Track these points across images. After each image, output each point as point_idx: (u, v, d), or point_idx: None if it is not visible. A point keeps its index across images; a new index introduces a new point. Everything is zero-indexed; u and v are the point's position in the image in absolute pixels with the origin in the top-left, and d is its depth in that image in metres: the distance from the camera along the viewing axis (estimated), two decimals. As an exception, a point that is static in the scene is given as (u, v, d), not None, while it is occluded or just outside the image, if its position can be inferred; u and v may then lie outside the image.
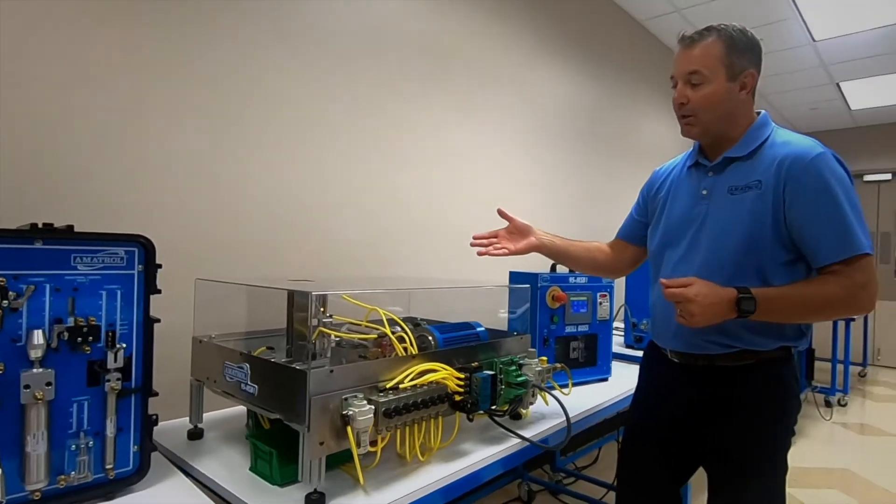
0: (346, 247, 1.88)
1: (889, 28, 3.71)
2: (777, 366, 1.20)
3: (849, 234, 1.08)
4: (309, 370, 0.90)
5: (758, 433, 1.19)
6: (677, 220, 1.29)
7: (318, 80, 1.78)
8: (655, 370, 1.38)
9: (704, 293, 1.08)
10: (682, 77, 1.20)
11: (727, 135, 1.23)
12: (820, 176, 1.10)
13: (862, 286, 1.08)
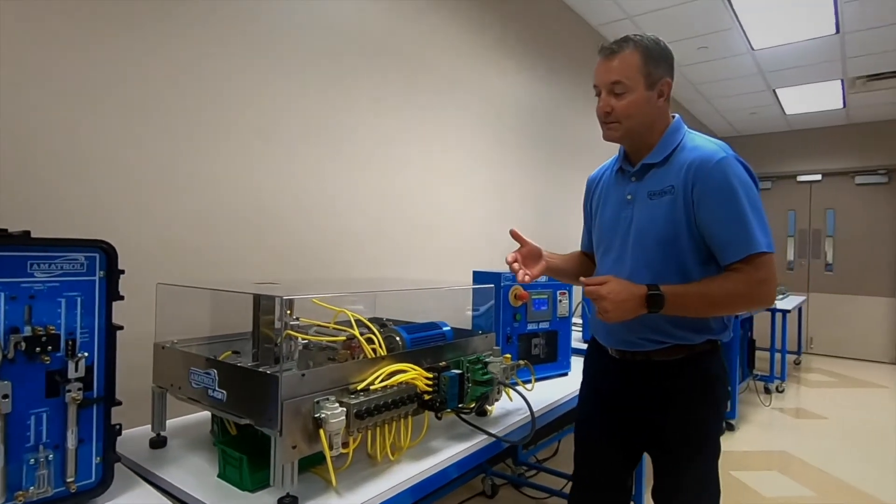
0: (309, 249, 1.87)
1: (819, 40, 3.98)
2: (706, 358, 1.29)
3: (749, 234, 1.16)
4: (281, 374, 0.90)
5: (692, 422, 1.28)
6: (608, 224, 1.37)
7: (281, 83, 1.76)
8: (598, 365, 1.45)
9: (617, 290, 1.15)
10: (605, 87, 1.26)
11: (646, 140, 1.30)
12: (723, 179, 1.18)
13: (761, 282, 1.17)
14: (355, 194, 2.04)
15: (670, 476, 1.32)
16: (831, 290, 6.69)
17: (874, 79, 4.79)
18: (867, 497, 2.74)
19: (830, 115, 6.08)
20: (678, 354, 1.27)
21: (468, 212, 2.65)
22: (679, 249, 1.23)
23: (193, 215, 1.53)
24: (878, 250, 6.41)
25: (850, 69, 4.58)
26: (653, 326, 1.24)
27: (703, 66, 4.60)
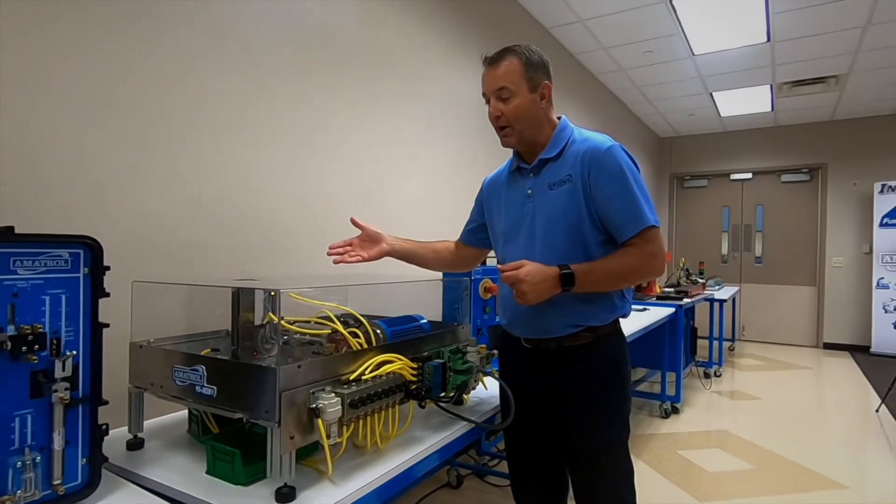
0: (278, 245, 1.85)
1: (752, 47, 4.28)
2: (612, 340, 1.39)
3: (639, 211, 1.28)
4: (279, 367, 0.91)
5: (603, 402, 1.37)
6: (512, 219, 1.45)
7: (248, 79, 1.73)
8: (512, 357, 1.49)
9: (533, 272, 1.23)
10: (493, 93, 1.36)
11: (537, 140, 1.40)
12: (614, 164, 1.29)
13: (653, 254, 1.29)
14: (324, 189, 2.03)
15: (586, 457, 1.38)
16: (761, 280, 7.21)
17: (799, 84, 5.20)
18: (797, 466, 3.01)
19: (760, 118, 6.53)
20: (585, 339, 1.35)
21: (433, 206, 2.68)
22: (582, 232, 1.33)
23: (161, 213, 1.49)
24: (802, 243, 6.96)
25: (778, 75, 4.95)
26: (568, 310, 1.33)
27: (647, 69, 4.83)
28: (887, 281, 6.10)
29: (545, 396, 1.42)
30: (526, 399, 1.42)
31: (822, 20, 3.76)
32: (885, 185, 6.15)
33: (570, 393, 1.38)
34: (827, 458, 3.16)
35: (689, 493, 2.67)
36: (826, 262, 6.72)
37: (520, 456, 1.54)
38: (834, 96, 5.58)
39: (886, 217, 6.13)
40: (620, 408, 1.41)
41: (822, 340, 6.72)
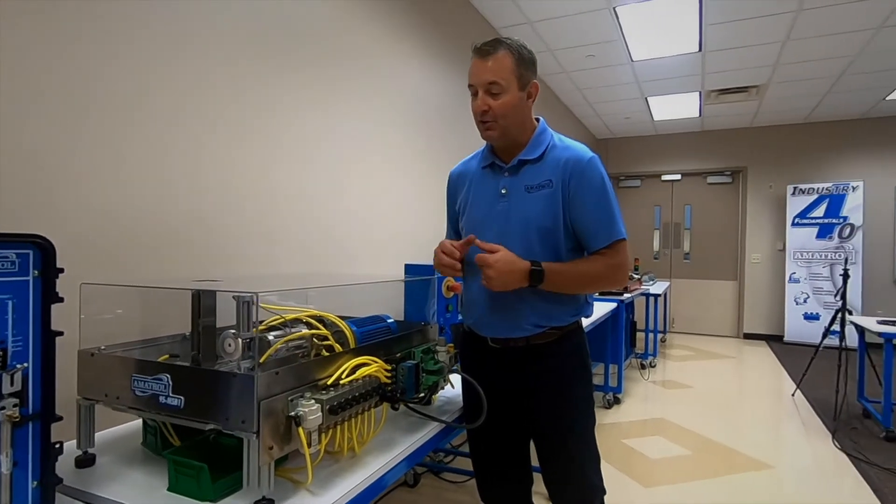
0: (231, 245, 1.76)
1: (685, 56, 4.53)
2: (574, 336, 1.43)
3: (613, 223, 1.33)
4: (257, 374, 0.86)
5: (570, 394, 1.41)
6: (482, 215, 1.43)
7: (191, 69, 1.63)
8: (476, 355, 1.48)
9: (504, 261, 1.27)
10: (482, 86, 1.32)
11: (518, 139, 1.39)
12: (595, 176, 1.33)
13: (619, 266, 1.34)
14: (275, 188, 1.95)
15: (556, 446, 1.42)
16: (688, 275, 7.67)
17: (725, 92, 5.57)
18: (728, 450, 3.23)
19: (689, 123, 6.94)
20: (553, 336, 1.39)
21: (387, 204, 2.64)
22: (556, 238, 1.35)
23: (101, 213, 1.37)
24: (724, 240, 7.47)
25: (707, 83, 5.28)
26: (536, 311, 1.36)
27: (589, 72, 5.00)
28: (798, 276, 6.66)
29: (511, 392, 1.43)
30: (492, 396, 1.40)
31: (748, 34, 4.04)
32: (796, 188, 6.71)
33: (537, 387, 1.41)
34: (753, 440, 3.42)
35: (635, 480, 2.80)
36: (746, 258, 7.25)
37: (486, 452, 1.55)
38: (755, 105, 6.02)
39: (797, 217, 6.70)
40: (585, 397, 1.46)
41: (743, 331, 7.25)
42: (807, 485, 2.80)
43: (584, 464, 1.43)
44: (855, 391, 4.02)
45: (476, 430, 1.50)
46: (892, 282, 6.47)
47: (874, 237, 6.49)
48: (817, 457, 3.16)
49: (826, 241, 6.52)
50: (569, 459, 1.43)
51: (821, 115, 6.50)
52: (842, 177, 6.64)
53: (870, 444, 3.32)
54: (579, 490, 1.44)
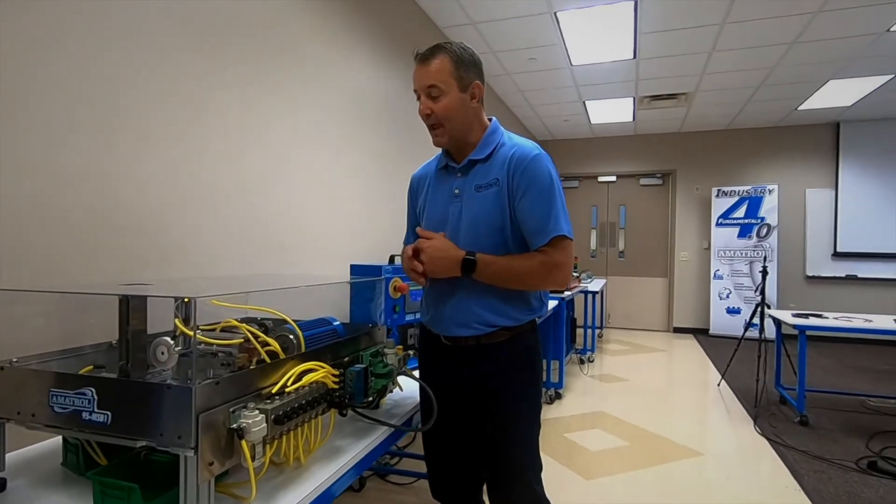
0: (164, 246, 1.64)
1: (620, 62, 4.72)
2: (527, 337, 1.42)
3: (556, 221, 1.31)
4: (194, 385, 0.80)
5: (518, 393, 1.41)
6: (438, 215, 1.45)
7: (124, 64, 1.51)
8: (432, 353, 1.50)
9: (437, 247, 1.33)
10: (423, 91, 1.36)
11: (468, 139, 1.41)
12: (538, 172, 1.33)
13: (558, 265, 1.32)
14: (212, 186, 1.85)
15: (502, 451, 1.40)
16: (623, 273, 8.02)
17: (656, 98, 5.85)
18: (662, 439, 3.39)
19: (623, 127, 7.24)
20: (503, 337, 1.38)
21: (331, 204, 2.57)
22: (505, 236, 1.35)
23: (18, 213, 1.24)
24: (656, 239, 7.86)
25: (640, 89, 5.52)
26: (486, 310, 1.36)
27: (530, 75, 5.11)
28: (722, 272, 7.12)
29: (463, 391, 1.43)
30: (445, 394, 1.41)
31: (679, 43, 4.26)
32: (720, 191, 7.17)
33: (486, 388, 1.40)
34: (684, 429, 3.61)
35: (576, 472, 2.88)
36: (675, 256, 7.66)
37: (438, 450, 1.54)
38: (683, 111, 6.37)
39: (721, 218, 7.15)
40: (533, 403, 1.45)
41: (673, 325, 7.66)
42: (732, 469, 2.98)
43: (527, 471, 1.42)
44: (773, 380, 4.34)
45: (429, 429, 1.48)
46: (803, 278, 7.04)
47: (787, 236, 7.04)
48: (741, 442, 3.38)
49: (746, 240, 7.00)
50: (510, 463, 1.41)
51: (742, 123, 6.98)
52: (760, 180, 7.15)
53: (786, 428, 3.59)
54: (520, 498, 1.42)
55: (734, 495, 2.65)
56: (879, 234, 6.68)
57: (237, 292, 1.08)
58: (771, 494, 2.67)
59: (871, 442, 3.32)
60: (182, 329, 0.90)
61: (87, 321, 1.28)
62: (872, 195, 6.72)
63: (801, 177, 7.06)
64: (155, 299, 1.12)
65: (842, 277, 6.87)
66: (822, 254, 6.97)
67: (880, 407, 4.08)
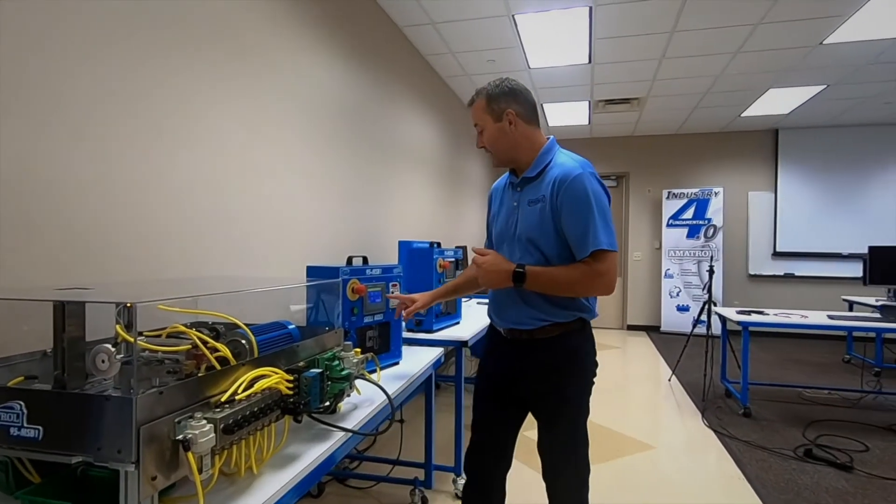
0: (104, 247, 1.55)
1: (576, 67, 4.82)
2: (576, 335, 1.59)
3: (595, 235, 1.47)
4: (136, 395, 0.76)
5: (561, 387, 1.59)
6: (503, 224, 1.68)
7: (71, 56, 1.42)
8: (494, 343, 1.73)
9: (490, 262, 1.57)
10: (475, 127, 1.66)
11: (522, 160, 1.63)
12: (578, 190, 1.49)
13: (599, 274, 1.48)
14: (158, 184, 1.76)
15: (548, 432, 1.63)
16: (579, 272, 8.18)
17: (610, 103, 6.01)
18: (617, 434, 3.49)
19: (579, 129, 7.41)
20: (555, 332, 1.57)
21: (286, 204, 2.51)
22: (549, 245, 1.54)
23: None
24: (610, 240, 8.07)
25: (595, 93, 5.66)
26: (537, 308, 1.56)
27: (490, 76, 5.10)
28: (672, 271, 7.39)
29: (518, 378, 1.63)
30: (499, 377, 1.68)
31: (632, 50, 4.39)
32: (670, 192, 7.44)
33: (541, 376, 1.59)
34: (637, 424, 3.72)
35: (533, 469, 2.91)
36: (629, 256, 7.89)
37: (483, 429, 1.72)
38: (636, 115, 6.57)
39: (671, 219, 7.42)
40: (577, 391, 1.61)
41: (626, 323, 7.89)
42: (682, 461, 3.10)
43: (576, 441, 1.60)
44: (719, 374, 4.54)
45: (481, 401, 1.74)
46: (746, 276, 7.40)
47: (732, 237, 7.38)
48: (689, 435, 3.52)
49: (694, 240, 7.29)
50: (561, 430, 1.60)
51: (690, 128, 7.26)
52: (706, 183, 7.46)
53: (731, 420, 3.76)
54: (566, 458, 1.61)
55: (684, 486, 2.76)
56: (814, 235, 7.10)
57: (184, 296, 1.03)
58: (718, 484, 2.78)
59: (807, 431, 3.52)
60: (123, 336, 0.84)
61: (19, 328, 1.20)
62: (808, 198, 7.14)
63: (744, 180, 7.42)
64: (97, 304, 1.05)
65: (781, 276, 7.26)
66: (762, 253, 7.34)
67: (815, 397, 4.33)
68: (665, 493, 2.69)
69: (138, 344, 0.87)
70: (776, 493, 2.65)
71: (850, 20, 3.77)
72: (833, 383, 4.77)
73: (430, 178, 4.84)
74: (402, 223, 4.05)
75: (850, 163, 6.99)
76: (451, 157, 5.55)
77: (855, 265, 6.70)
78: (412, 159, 4.32)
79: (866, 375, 4.93)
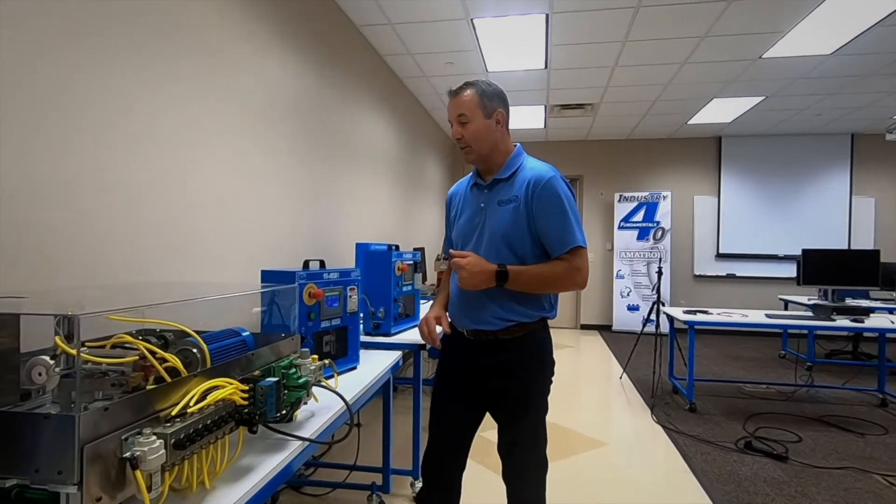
0: (45, 249, 1.46)
1: (533, 71, 4.91)
2: (539, 334, 1.65)
3: (572, 233, 1.57)
4: (78, 412, 0.72)
5: (527, 385, 1.63)
6: (466, 225, 1.72)
7: (14, 49, 1.32)
8: (454, 345, 1.75)
9: (473, 263, 1.57)
10: (455, 119, 1.64)
11: (494, 161, 1.67)
12: (553, 193, 1.57)
13: (578, 269, 1.57)
14: (101, 183, 1.67)
15: (509, 429, 1.67)
16: (535, 273, 8.34)
17: (565, 108, 6.15)
18: (571, 432, 3.57)
19: (535, 133, 7.54)
20: (519, 332, 1.62)
21: (237, 205, 2.43)
22: (521, 243, 1.59)
23: None
24: (565, 241, 8.27)
25: (551, 98, 5.78)
26: (502, 308, 1.60)
27: (448, 78, 5.15)
28: (623, 272, 7.64)
29: (479, 379, 1.66)
30: (460, 378, 1.71)
31: (586, 56, 4.51)
32: (621, 196, 7.68)
33: (503, 375, 1.63)
34: (590, 421, 3.83)
35: (490, 469, 2.95)
36: (582, 257, 8.10)
37: (441, 428, 1.73)
38: (589, 120, 6.75)
39: (622, 221, 7.67)
40: (543, 390, 1.66)
41: (580, 322, 8.09)
42: (632, 456, 3.21)
43: (538, 438, 1.65)
44: (667, 371, 4.72)
45: (439, 405, 1.76)
46: (691, 276, 7.74)
47: (679, 239, 7.70)
48: (639, 430, 3.65)
49: (644, 242, 7.56)
50: (523, 428, 1.64)
51: (640, 134, 7.53)
52: (655, 187, 7.75)
53: (679, 415, 3.93)
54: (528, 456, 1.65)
55: (634, 481, 2.85)
56: (754, 237, 7.51)
57: (132, 307, 0.99)
58: (666, 479, 2.90)
59: (746, 424, 3.71)
60: (64, 348, 0.80)
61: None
62: (748, 202, 7.54)
63: (690, 185, 7.75)
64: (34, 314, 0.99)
65: (723, 276, 7.63)
66: (707, 255, 7.70)
67: (754, 392, 4.58)
68: (616, 489, 2.77)
69: (81, 356, 0.82)
70: (719, 484, 2.78)
71: (786, 37, 4.01)
72: (770, 378, 5.05)
73: (388, 179, 4.81)
74: (360, 225, 4.01)
75: (785, 170, 7.43)
76: (408, 159, 5.54)
77: (790, 266, 7.14)
78: (370, 160, 4.28)
79: (799, 370, 5.26)
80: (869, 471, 2.94)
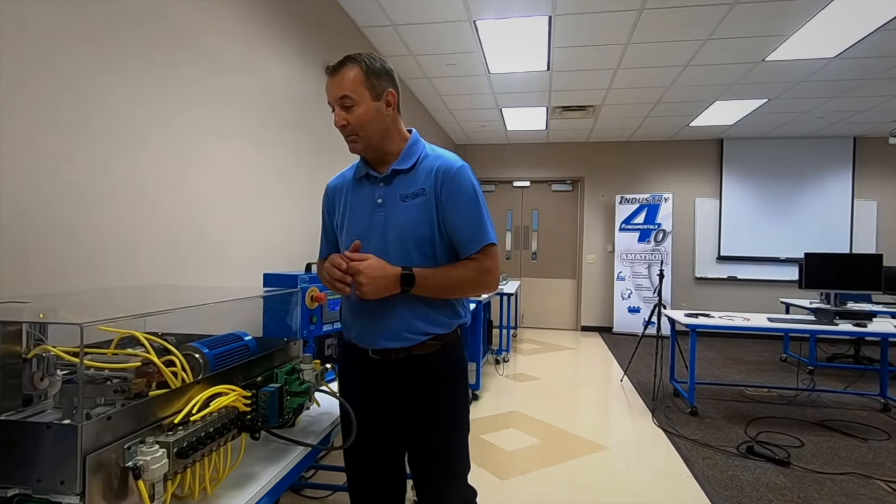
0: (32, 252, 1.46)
1: (535, 73, 4.90)
2: (455, 347, 1.43)
3: (483, 229, 1.36)
4: (81, 422, 0.71)
5: (446, 402, 1.41)
6: (360, 226, 1.41)
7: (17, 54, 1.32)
8: (355, 367, 1.45)
9: (374, 267, 1.28)
10: (336, 102, 1.35)
11: (388, 149, 1.40)
12: (463, 183, 1.36)
13: (489, 270, 1.38)
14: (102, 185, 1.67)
15: (436, 456, 1.42)
16: (535, 274, 8.34)
17: (567, 109, 6.14)
18: (570, 435, 3.56)
19: (536, 134, 7.53)
20: (436, 346, 1.38)
21: (240, 208, 2.43)
22: (433, 245, 1.36)
23: None
24: (565, 242, 8.26)
25: (553, 100, 5.77)
26: (415, 319, 1.35)
27: (449, 80, 5.16)
28: (624, 274, 7.63)
29: (391, 402, 1.40)
30: (370, 408, 1.40)
31: (588, 58, 4.50)
32: (623, 198, 7.67)
33: (418, 398, 1.38)
34: (590, 425, 3.82)
35: (492, 473, 2.94)
36: (583, 258, 8.09)
37: (360, 463, 1.48)
38: (590, 122, 6.74)
39: (624, 223, 7.66)
40: (464, 408, 1.46)
41: (580, 324, 8.08)
42: (632, 460, 3.20)
43: (462, 475, 1.44)
44: (668, 374, 4.71)
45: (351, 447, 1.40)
46: (692, 279, 7.73)
47: (680, 242, 7.69)
48: (640, 434, 3.64)
49: (645, 244, 7.55)
50: (450, 473, 1.42)
51: (642, 135, 7.52)
52: (657, 189, 7.75)
53: (679, 419, 3.92)
54: (456, 496, 1.43)
55: (634, 485, 2.84)
56: (755, 240, 7.50)
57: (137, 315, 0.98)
58: (667, 483, 2.89)
59: (748, 428, 3.70)
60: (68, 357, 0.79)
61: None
62: (749, 205, 7.53)
63: (692, 187, 7.74)
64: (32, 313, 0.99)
65: (724, 279, 7.62)
66: (708, 257, 7.69)
67: (755, 395, 4.57)
68: (617, 493, 2.76)
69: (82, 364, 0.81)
70: (721, 489, 2.77)
71: (789, 40, 4.00)
72: (771, 381, 5.05)
73: (390, 181, 4.80)
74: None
75: (787, 172, 7.42)
76: (410, 160, 5.52)
77: (791, 269, 7.12)
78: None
79: (801, 374, 5.25)
80: (872, 477, 2.93)
